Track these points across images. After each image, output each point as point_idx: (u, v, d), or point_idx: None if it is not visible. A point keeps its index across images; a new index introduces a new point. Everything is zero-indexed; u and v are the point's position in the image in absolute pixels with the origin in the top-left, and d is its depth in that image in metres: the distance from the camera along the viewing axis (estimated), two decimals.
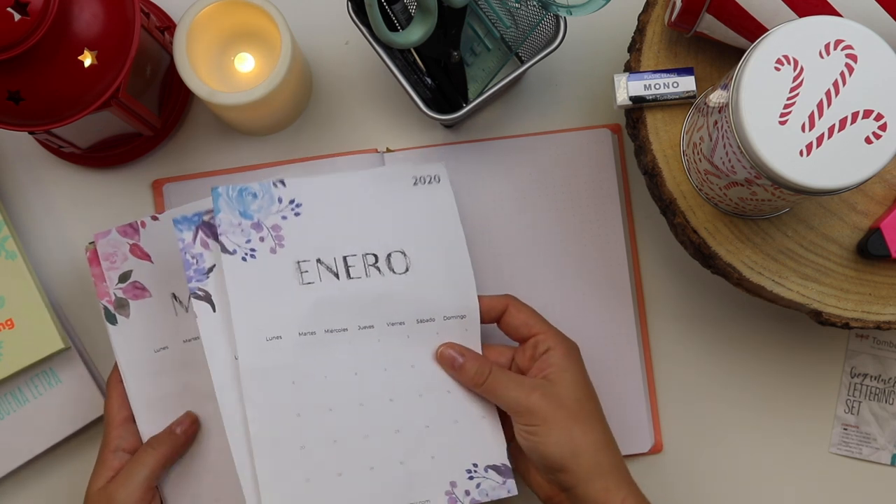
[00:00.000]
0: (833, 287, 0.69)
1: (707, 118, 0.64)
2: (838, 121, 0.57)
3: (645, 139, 0.70)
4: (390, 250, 0.72)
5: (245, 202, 0.70)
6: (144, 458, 0.68)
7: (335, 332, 0.70)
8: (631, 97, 0.70)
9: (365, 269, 0.71)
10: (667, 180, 0.69)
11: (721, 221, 0.69)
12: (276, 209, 0.70)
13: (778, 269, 0.69)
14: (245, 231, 0.69)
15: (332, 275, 0.70)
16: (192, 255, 0.69)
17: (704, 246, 0.69)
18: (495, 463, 0.71)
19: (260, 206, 0.70)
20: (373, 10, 0.65)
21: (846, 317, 0.68)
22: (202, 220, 0.69)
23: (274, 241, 0.70)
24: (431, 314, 0.72)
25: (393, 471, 0.69)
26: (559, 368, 0.69)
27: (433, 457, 0.70)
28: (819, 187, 0.57)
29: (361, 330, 0.71)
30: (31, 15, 0.61)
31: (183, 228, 0.69)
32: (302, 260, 0.70)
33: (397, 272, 0.72)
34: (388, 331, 0.71)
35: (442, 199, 0.75)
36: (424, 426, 0.70)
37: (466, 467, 0.70)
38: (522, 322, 0.71)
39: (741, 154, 0.58)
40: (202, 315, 0.68)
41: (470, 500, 0.69)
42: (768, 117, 0.57)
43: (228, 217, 0.69)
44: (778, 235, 0.69)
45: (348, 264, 0.71)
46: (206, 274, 0.69)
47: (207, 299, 0.69)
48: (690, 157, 0.68)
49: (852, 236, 0.69)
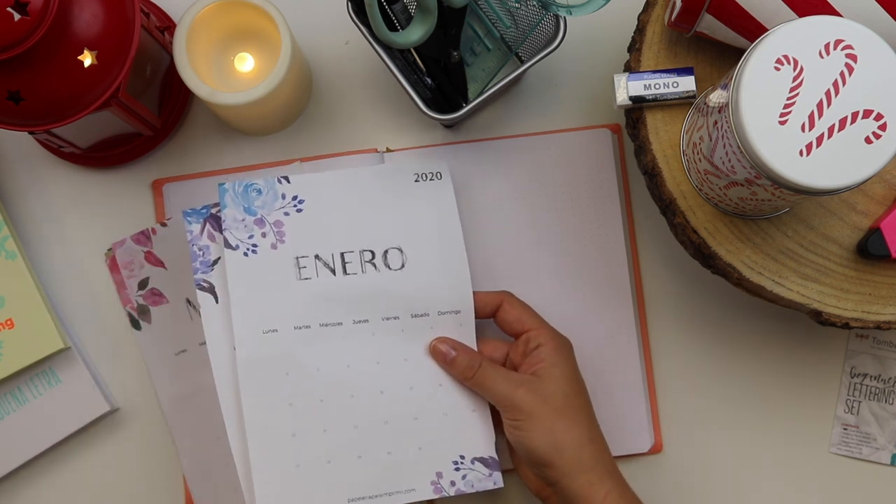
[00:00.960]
0: (833, 287, 0.69)
1: (707, 118, 0.64)
2: (838, 121, 0.57)
3: (645, 139, 0.70)
4: (387, 247, 0.74)
5: (250, 198, 0.72)
6: None
7: (330, 325, 0.72)
8: (631, 97, 0.70)
9: (361, 266, 0.73)
10: (667, 180, 0.69)
11: (721, 221, 0.69)
12: (280, 205, 0.73)
13: (778, 269, 0.69)
14: (248, 227, 0.72)
15: (329, 270, 0.72)
16: (199, 248, 0.72)
17: (704, 246, 0.69)
18: (482, 455, 0.72)
19: (264, 203, 0.72)
20: (373, 10, 0.65)
21: (846, 317, 0.68)
22: (210, 213, 0.72)
23: (275, 236, 0.72)
24: (426, 309, 0.73)
25: (380, 460, 0.71)
26: (549, 364, 0.69)
27: (420, 448, 0.72)
28: (819, 187, 0.57)
29: (356, 324, 0.72)
30: (31, 15, 0.61)
31: (192, 220, 0.72)
32: (301, 255, 0.72)
33: (393, 268, 0.73)
34: (382, 325, 0.73)
35: (442, 195, 0.76)
36: (413, 418, 0.72)
37: (453, 458, 0.72)
38: (516, 318, 0.72)
39: (741, 154, 0.58)
40: (205, 306, 0.71)
41: (455, 490, 0.71)
42: (768, 117, 0.57)
43: (233, 213, 0.72)
44: (778, 235, 0.69)
45: (345, 260, 0.73)
46: (210, 266, 0.72)
47: (211, 290, 0.71)
48: (690, 157, 0.68)
49: (852, 236, 0.69)
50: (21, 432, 0.76)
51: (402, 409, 0.72)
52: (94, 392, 0.77)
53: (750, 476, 0.79)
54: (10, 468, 0.77)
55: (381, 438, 0.71)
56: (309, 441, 0.70)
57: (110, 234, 0.79)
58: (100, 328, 0.79)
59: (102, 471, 0.78)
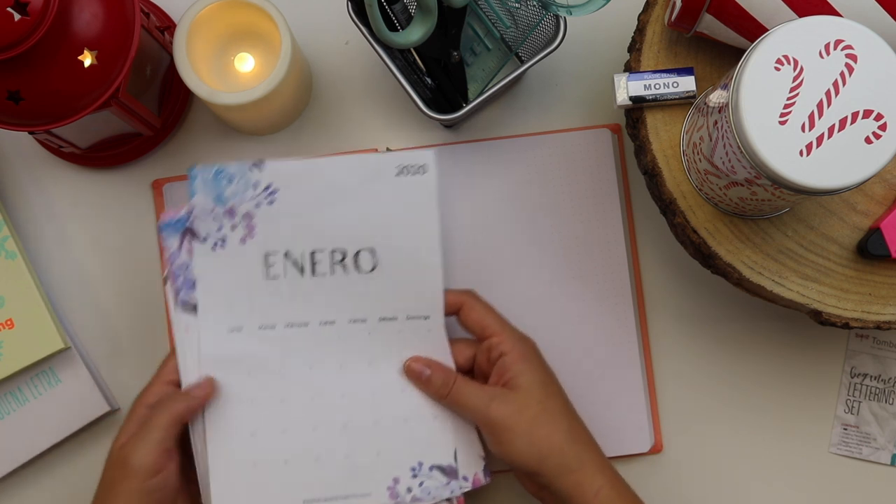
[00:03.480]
0: (833, 287, 0.69)
1: (707, 118, 0.64)
2: (838, 121, 0.57)
3: (645, 139, 0.70)
4: (359, 247, 0.72)
5: (220, 186, 0.70)
6: (157, 419, 0.66)
7: (295, 326, 0.71)
8: (631, 97, 0.70)
9: (331, 266, 0.71)
10: (667, 180, 0.69)
11: (721, 221, 0.69)
12: (251, 195, 0.70)
13: (778, 269, 0.69)
14: (217, 218, 0.70)
15: (297, 270, 0.71)
16: (179, 266, 0.70)
17: (704, 246, 0.69)
18: (440, 463, 0.71)
19: (235, 192, 0.70)
20: (373, 10, 0.65)
21: (846, 317, 0.68)
22: (185, 227, 0.70)
23: (245, 230, 0.70)
24: (394, 313, 0.72)
25: (337, 462, 0.71)
26: (516, 373, 0.68)
27: (379, 453, 0.71)
28: (819, 187, 0.57)
29: (322, 325, 0.72)
30: (31, 15, 0.61)
31: (168, 235, 0.70)
32: (270, 252, 0.71)
33: (363, 270, 0.72)
34: (348, 328, 0.72)
35: (423, 191, 0.72)
36: (373, 422, 0.71)
37: (411, 465, 0.71)
38: (476, 321, 0.71)
39: (741, 154, 0.58)
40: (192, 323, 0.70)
41: (412, 497, 0.71)
42: (768, 117, 0.57)
43: (203, 201, 0.70)
44: (778, 235, 0.69)
45: (315, 260, 0.71)
46: (194, 286, 0.70)
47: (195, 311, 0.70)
48: (690, 156, 0.68)
49: (852, 236, 0.69)
50: (21, 432, 0.76)
51: (363, 413, 0.71)
52: (94, 392, 0.77)
53: (750, 476, 0.79)
54: (10, 468, 0.77)
55: (340, 441, 0.71)
56: (267, 440, 0.70)
57: (110, 234, 0.80)
58: (100, 328, 0.79)
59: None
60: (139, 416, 0.67)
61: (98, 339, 0.79)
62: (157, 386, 0.69)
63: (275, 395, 0.71)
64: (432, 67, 0.76)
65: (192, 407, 0.68)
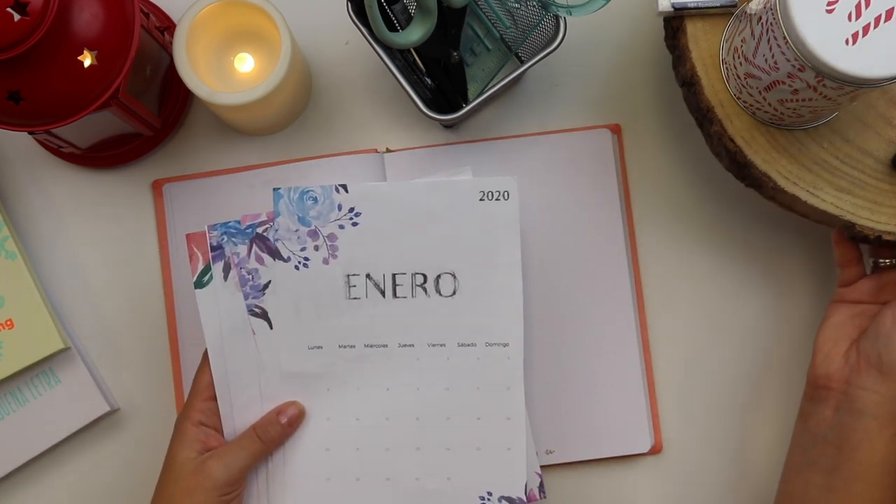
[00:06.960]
0: (867, 199, 0.69)
1: (750, 21, 0.63)
2: (885, 11, 0.57)
3: (685, 48, 0.70)
4: (440, 272, 0.72)
5: (305, 207, 0.71)
6: (249, 446, 0.69)
7: (375, 347, 0.72)
8: (673, 4, 0.69)
9: (412, 289, 0.72)
10: (705, 87, 0.69)
11: (758, 131, 0.69)
12: (335, 216, 0.71)
13: (813, 181, 0.69)
14: (301, 238, 0.71)
15: (379, 292, 0.72)
16: (248, 271, 0.71)
17: (740, 154, 0.69)
18: (510, 495, 0.71)
19: (319, 213, 0.71)
20: (373, 10, 0.65)
21: (879, 229, 0.68)
22: (255, 233, 0.71)
23: (328, 251, 0.71)
24: (473, 339, 0.72)
25: (407, 485, 0.72)
26: None
27: (449, 478, 0.72)
28: (864, 76, 0.57)
29: (401, 348, 0.72)
30: (31, 15, 0.61)
31: (237, 241, 0.71)
32: (352, 273, 0.71)
33: (444, 295, 0.72)
34: (427, 351, 0.72)
35: (505, 218, 0.72)
36: (446, 448, 0.72)
37: (480, 494, 0.71)
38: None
39: (786, 46, 0.58)
40: (259, 331, 0.71)
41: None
42: (815, 6, 0.57)
43: (287, 222, 0.71)
44: (814, 147, 0.69)
45: (396, 283, 0.72)
46: (262, 290, 0.71)
47: (264, 316, 0.71)
48: (730, 63, 0.68)
49: (887, 150, 0.69)
50: (21, 432, 0.76)
51: (437, 438, 0.72)
52: (94, 392, 0.77)
53: (750, 476, 0.79)
54: (10, 468, 0.77)
55: (412, 464, 0.72)
56: (341, 457, 0.72)
57: (110, 234, 0.80)
58: (100, 328, 0.79)
59: (102, 471, 0.78)
60: (194, 433, 0.69)
61: (98, 339, 0.79)
62: (203, 402, 0.70)
63: (350, 413, 0.72)
64: (432, 67, 0.76)
65: (281, 439, 0.71)
